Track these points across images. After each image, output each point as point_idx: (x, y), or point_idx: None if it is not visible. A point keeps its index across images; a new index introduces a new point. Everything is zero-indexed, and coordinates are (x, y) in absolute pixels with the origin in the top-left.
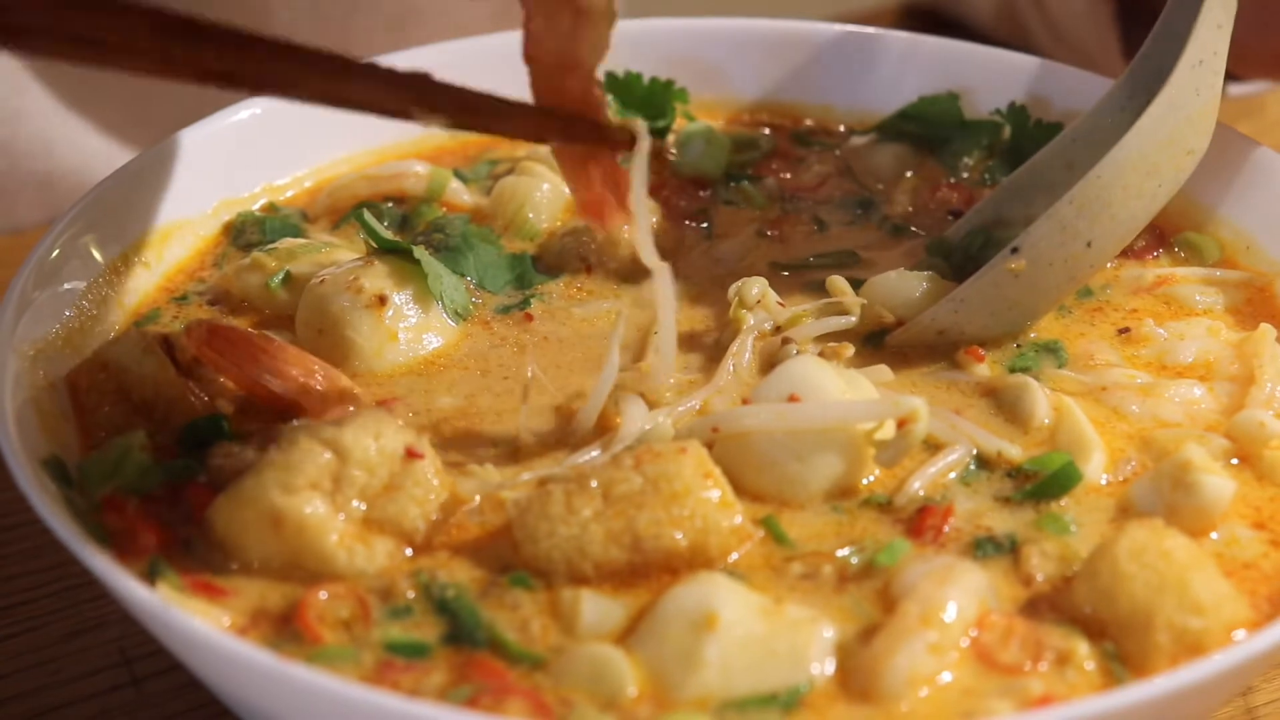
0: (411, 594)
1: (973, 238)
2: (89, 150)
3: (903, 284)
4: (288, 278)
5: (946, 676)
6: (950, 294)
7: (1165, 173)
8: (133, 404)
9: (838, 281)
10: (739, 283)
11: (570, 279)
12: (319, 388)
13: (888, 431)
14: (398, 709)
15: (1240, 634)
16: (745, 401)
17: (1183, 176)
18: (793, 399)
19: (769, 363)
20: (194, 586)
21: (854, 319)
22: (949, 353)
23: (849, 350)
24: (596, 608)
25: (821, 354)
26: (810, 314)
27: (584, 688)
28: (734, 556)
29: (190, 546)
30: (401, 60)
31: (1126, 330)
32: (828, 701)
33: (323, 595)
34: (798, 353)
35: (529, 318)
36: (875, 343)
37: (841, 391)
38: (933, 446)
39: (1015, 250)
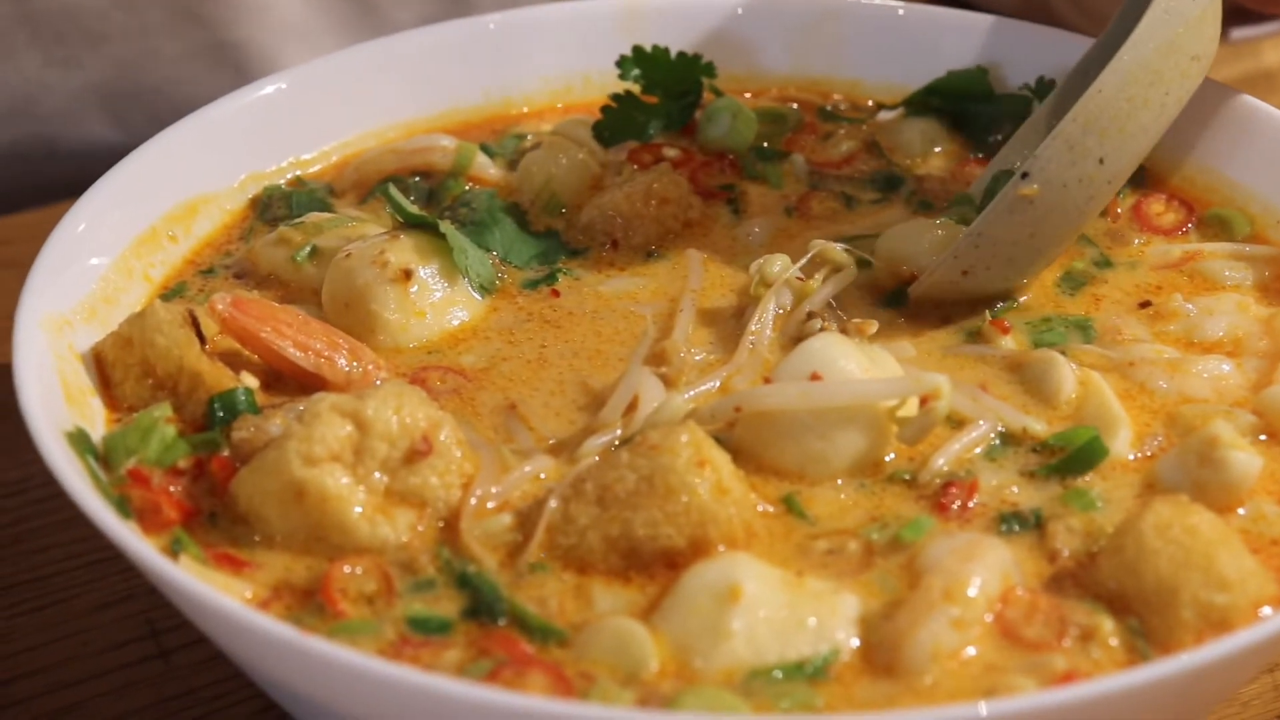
0: (433, 569)
1: (997, 180)
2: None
3: (916, 232)
4: (314, 252)
5: (970, 651)
6: (968, 230)
7: (1170, 80)
8: (158, 378)
9: (821, 245)
10: (760, 259)
11: (597, 255)
12: (343, 361)
13: (910, 409)
14: (417, 683)
15: (1267, 610)
16: (767, 380)
17: (1191, 84)
18: (815, 377)
19: (795, 339)
20: (217, 559)
21: (854, 271)
22: (973, 311)
23: (872, 327)
24: (608, 593)
25: (844, 330)
26: (818, 283)
27: (606, 662)
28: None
29: (214, 520)
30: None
31: (1148, 304)
32: (854, 675)
33: (347, 569)
34: (822, 329)
35: (555, 293)
36: (899, 301)
37: (864, 369)
38: (957, 422)
39: (1025, 175)
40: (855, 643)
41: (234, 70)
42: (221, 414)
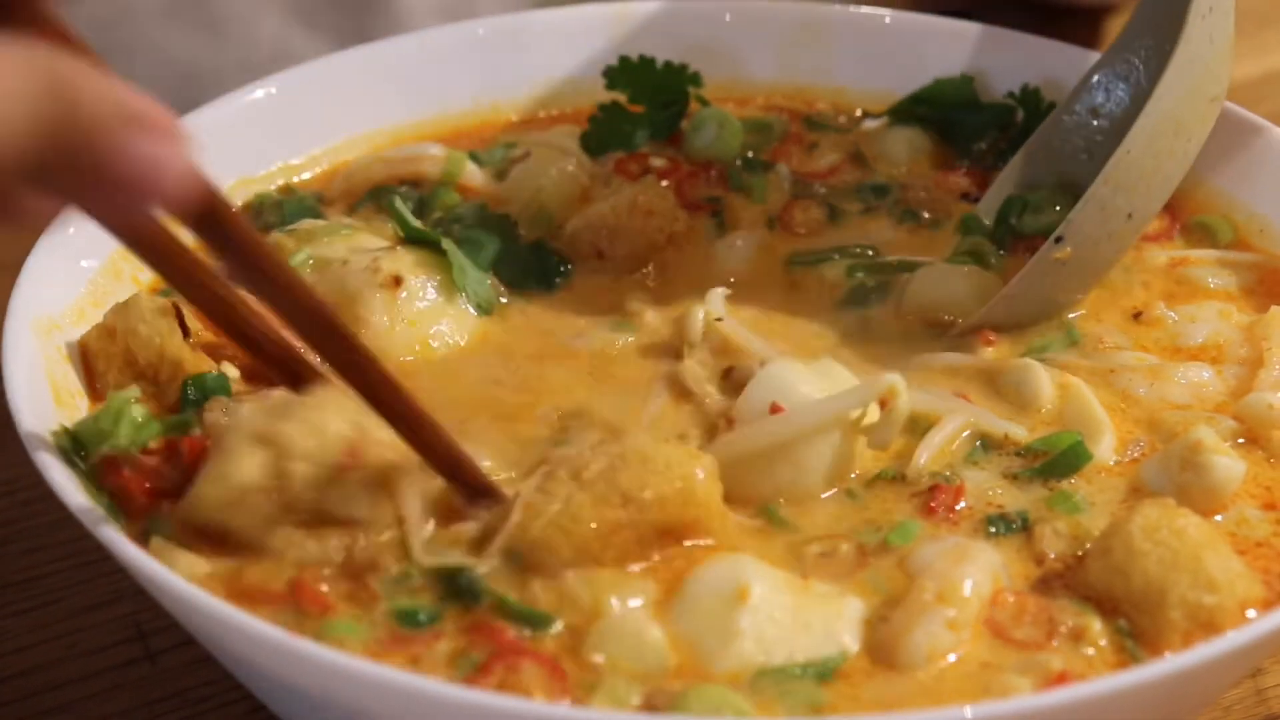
0: (399, 568)
1: (1009, 206)
2: None
3: (943, 278)
4: (312, 261)
5: (963, 653)
6: (1001, 293)
7: (1192, 127)
8: (139, 367)
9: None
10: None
11: (581, 268)
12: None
13: (874, 415)
14: (404, 682)
15: (1253, 612)
16: (730, 423)
17: (1209, 126)
18: (775, 408)
19: (738, 385)
20: (192, 535)
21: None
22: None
23: None
24: (584, 577)
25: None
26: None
27: (621, 657)
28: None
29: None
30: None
31: (1140, 314)
32: (862, 674)
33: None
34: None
35: (533, 311)
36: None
37: (820, 388)
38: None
39: (1059, 240)
40: (858, 645)
41: (211, 32)
42: (193, 395)
